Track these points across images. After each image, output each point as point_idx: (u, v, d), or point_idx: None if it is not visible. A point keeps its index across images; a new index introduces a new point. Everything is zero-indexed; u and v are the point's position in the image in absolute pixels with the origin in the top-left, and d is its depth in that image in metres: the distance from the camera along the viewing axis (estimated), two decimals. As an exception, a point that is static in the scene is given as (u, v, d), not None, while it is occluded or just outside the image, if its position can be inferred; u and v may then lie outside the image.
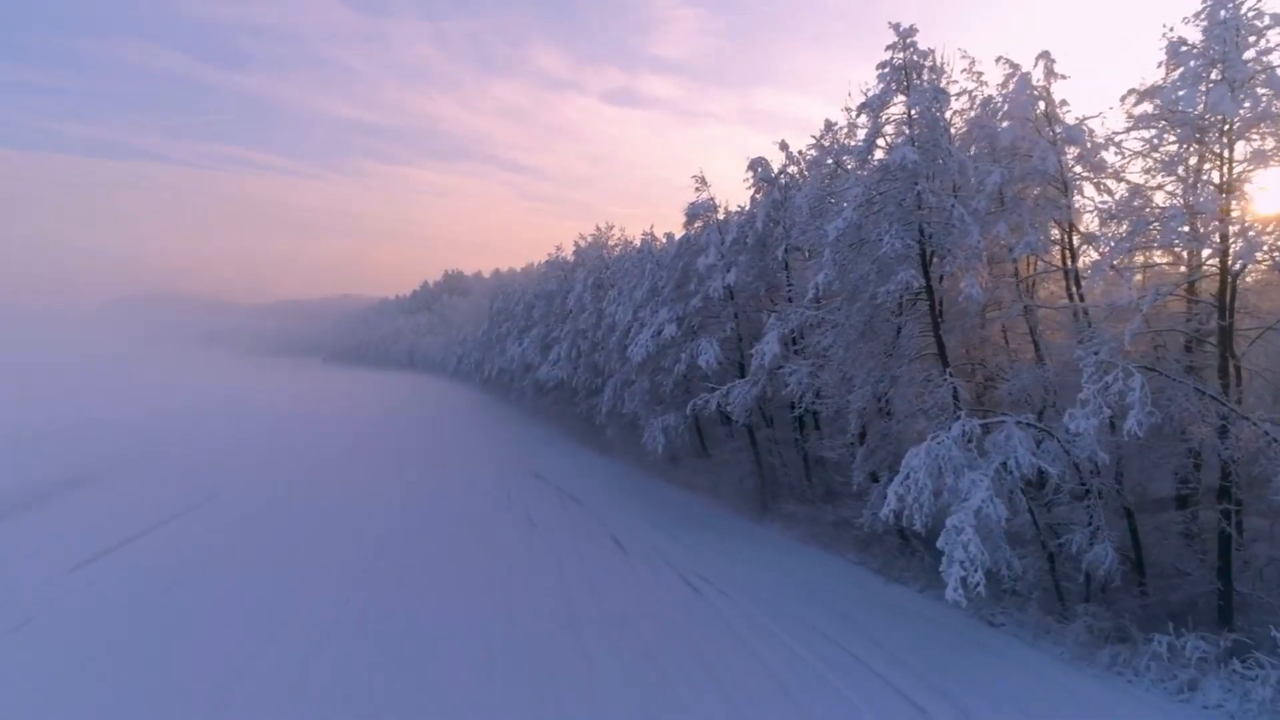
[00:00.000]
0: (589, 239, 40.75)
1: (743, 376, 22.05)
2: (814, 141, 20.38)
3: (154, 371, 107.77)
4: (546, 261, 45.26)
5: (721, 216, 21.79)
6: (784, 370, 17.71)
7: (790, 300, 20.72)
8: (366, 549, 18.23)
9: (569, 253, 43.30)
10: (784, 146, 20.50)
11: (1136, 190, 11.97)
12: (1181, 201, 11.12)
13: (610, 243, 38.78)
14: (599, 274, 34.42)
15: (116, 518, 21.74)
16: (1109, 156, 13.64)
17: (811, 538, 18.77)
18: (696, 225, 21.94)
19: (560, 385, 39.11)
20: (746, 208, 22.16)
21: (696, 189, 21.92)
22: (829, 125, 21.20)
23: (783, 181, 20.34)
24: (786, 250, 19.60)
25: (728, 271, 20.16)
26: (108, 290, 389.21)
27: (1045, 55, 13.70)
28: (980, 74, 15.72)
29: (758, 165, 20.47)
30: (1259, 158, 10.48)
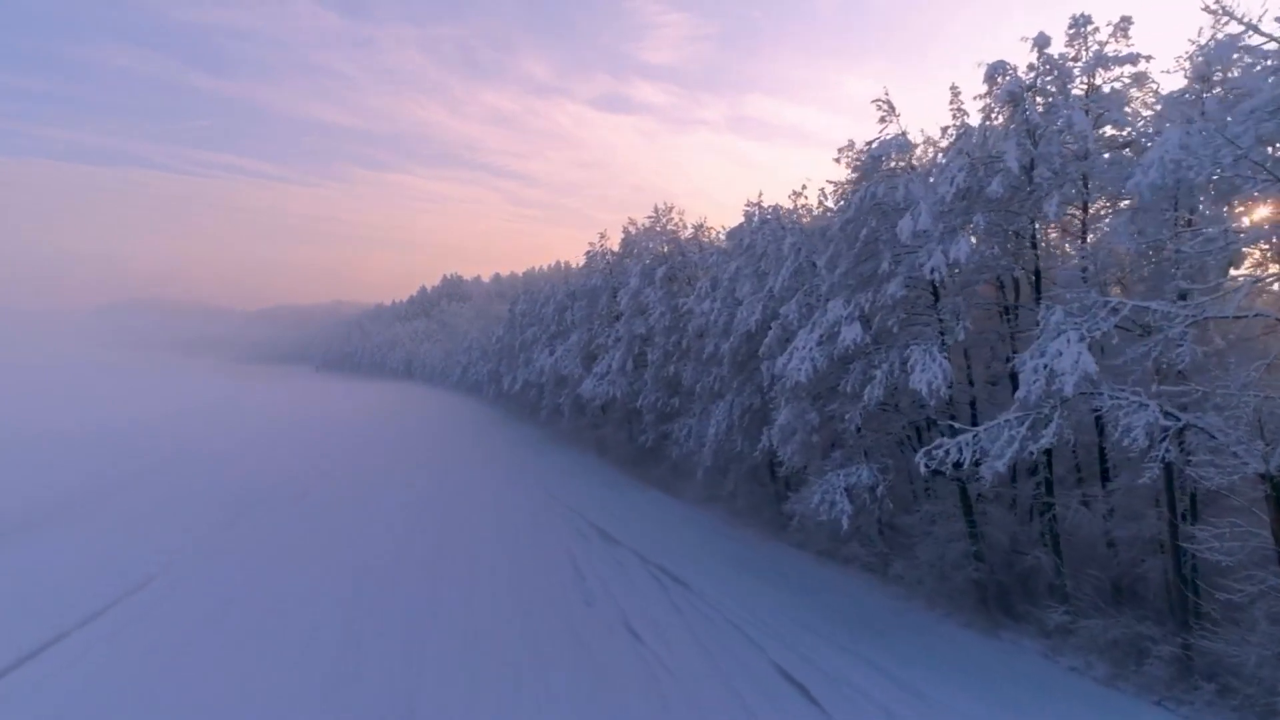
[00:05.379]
0: (641, 225, 33.13)
1: (950, 402, 14.55)
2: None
3: (135, 383, 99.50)
4: (586, 254, 37.16)
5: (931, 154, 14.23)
6: (1105, 403, 10.20)
7: (1043, 282, 13.26)
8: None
9: (614, 243, 35.57)
10: (1039, 43, 13.05)
11: None
12: None
13: (669, 225, 31.22)
14: (671, 264, 26.77)
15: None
16: None
17: (1115, 671, 11.23)
18: (880, 173, 14.36)
19: (609, 404, 31.46)
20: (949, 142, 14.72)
21: (882, 119, 14.37)
22: (1078, 21, 13.90)
23: (1038, 103, 12.91)
24: (1059, 205, 12.16)
25: (951, 240, 12.64)
26: (97, 296, 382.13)
27: None
28: None
29: (998, 72, 12.98)
30: None
